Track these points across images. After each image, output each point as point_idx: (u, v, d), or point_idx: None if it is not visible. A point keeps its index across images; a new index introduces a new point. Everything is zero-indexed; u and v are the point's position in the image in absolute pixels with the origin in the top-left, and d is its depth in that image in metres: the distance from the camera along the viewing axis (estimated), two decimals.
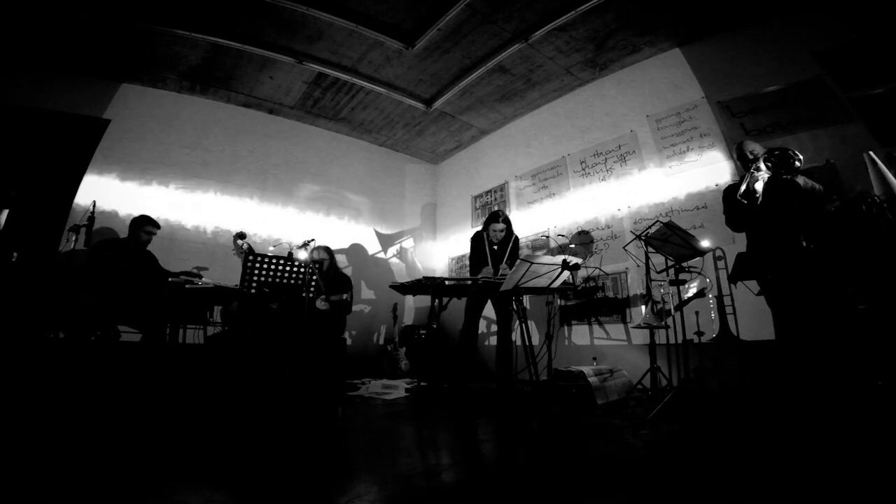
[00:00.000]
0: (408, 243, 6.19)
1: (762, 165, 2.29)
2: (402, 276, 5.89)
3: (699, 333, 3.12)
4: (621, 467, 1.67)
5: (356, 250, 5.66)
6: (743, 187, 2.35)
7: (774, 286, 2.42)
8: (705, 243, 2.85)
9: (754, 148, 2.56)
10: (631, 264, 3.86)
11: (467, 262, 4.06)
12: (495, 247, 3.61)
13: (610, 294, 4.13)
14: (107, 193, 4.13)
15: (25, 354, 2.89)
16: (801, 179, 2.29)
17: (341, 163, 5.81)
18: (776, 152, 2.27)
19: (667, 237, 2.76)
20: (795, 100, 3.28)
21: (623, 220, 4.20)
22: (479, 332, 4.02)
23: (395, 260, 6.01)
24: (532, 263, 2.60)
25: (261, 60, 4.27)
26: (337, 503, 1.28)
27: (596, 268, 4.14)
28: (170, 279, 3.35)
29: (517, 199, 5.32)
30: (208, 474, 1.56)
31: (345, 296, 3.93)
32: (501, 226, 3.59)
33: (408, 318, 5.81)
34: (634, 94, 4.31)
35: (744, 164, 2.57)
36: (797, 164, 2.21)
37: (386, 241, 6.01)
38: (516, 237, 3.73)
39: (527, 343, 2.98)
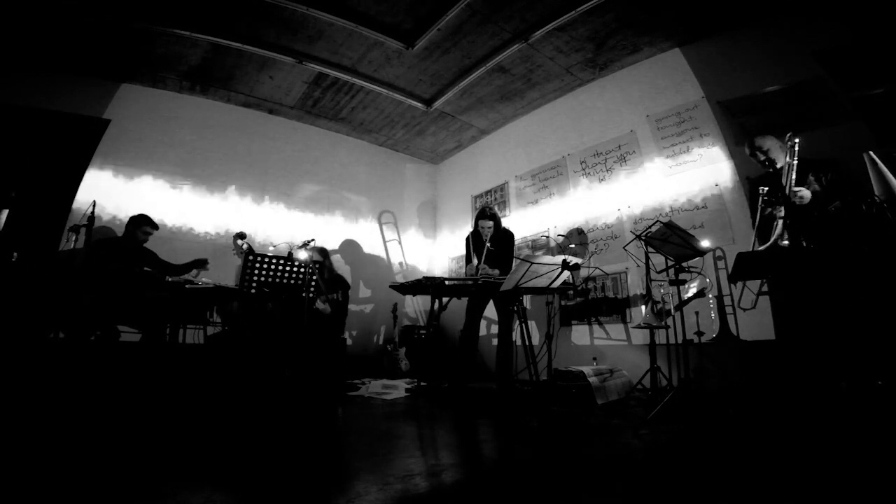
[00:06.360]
0: (408, 244, 6.20)
1: (780, 213, 2.34)
2: (404, 276, 5.90)
3: (699, 333, 3.12)
4: (621, 467, 1.67)
5: (356, 250, 5.65)
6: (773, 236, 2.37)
7: (774, 286, 2.42)
8: (705, 243, 2.84)
9: (763, 143, 2.62)
10: (631, 264, 3.86)
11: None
12: (488, 244, 3.59)
13: (610, 294, 4.13)
14: (107, 193, 4.12)
15: (25, 354, 2.89)
16: (807, 192, 2.34)
17: (341, 163, 5.80)
18: (786, 200, 2.32)
19: (667, 237, 2.75)
20: (795, 100, 3.28)
21: (623, 220, 4.20)
22: (480, 332, 4.01)
23: (396, 260, 6.01)
24: (532, 263, 2.60)
25: (261, 60, 4.27)
26: (337, 503, 1.28)
27: (596, 268, 4.14)
28: (169, 279, 3.35)
29: (517, 199, 5.32)
30: (208, 474, 1.56)
31: (335, 294, 3.95)
32: (489, 222, 3.57)
33: (408, 319, 5.81)
34: (634, 94, 4.31)
35: (758, 161, 2.67)
36: (803, 201, 2.31)
37: (388, 244, 6.00)
38: (507, 233, 3.68)
39: (527, 343, 2.98)
